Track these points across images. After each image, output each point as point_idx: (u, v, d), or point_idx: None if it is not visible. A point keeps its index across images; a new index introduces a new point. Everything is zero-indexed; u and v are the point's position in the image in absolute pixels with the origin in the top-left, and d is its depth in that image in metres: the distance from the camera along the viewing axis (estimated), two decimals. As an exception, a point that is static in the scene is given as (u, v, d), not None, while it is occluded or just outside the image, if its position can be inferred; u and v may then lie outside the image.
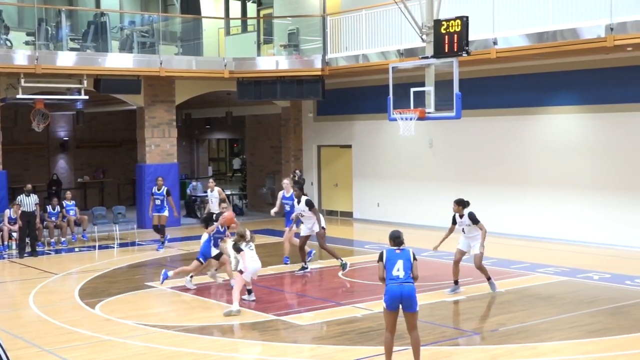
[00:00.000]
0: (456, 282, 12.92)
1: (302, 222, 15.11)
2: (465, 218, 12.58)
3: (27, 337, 10.60)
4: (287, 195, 15.86)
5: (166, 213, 18.28)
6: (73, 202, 20.06)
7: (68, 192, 20.67)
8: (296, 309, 12.38)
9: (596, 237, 17.41)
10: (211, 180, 18.26)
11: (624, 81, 16.88)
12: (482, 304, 12.32)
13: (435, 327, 10.79)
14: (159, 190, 18.25)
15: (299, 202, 14.91)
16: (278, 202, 16.25)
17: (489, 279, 12.82)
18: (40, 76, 19.20)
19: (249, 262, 12.15)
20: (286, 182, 16.30)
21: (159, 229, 18.29)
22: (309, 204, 14.88)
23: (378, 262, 8.80)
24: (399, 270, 8.56)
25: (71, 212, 19.69)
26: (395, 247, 8.77)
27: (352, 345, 10.02)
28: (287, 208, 15.89)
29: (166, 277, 13.51)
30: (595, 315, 11.31)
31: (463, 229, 12.70)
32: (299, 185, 21.46)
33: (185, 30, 23.10)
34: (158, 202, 18.21)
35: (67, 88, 20.25)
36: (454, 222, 12.79)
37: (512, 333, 10.52)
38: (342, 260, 14.83)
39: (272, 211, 16.19)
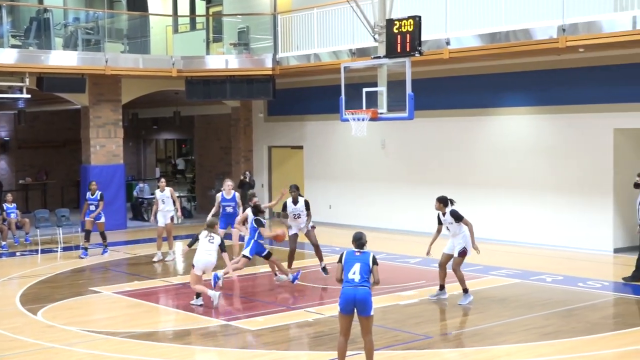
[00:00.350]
0: (442, 287, 12.53)
1: (290, 225, 14.37)
2: (448, 216, 12.16)
3: (-36, 346, 10.17)
4: (228, 197, 15.37)
5: (103, 219, 17.70)
6: (14, 205, 19.48)
7: (9, 195, 20.15)
8: (246, 314, 12.09)
9: (549, 239, 17.46)
10: (162, 180, 17.76)
11: (576, 82, 16.96)
12: (436, 307, 12.20)
13: (388, 330, 10.62)
14: (92, 195, 17.58)
15: (294, 202, 14.17)
16: (217, 204, 15.62)
17: (465, 290, 12.21)
18: (-21, 74, 18.65)
19: (201, 254, 11.99)
20: (229, 183, 15.84)
21: (91, 235, 17.64)
22: (309, 206, 14.28)
23: (337, 262, 8.64)
24: (355, 273, 8.39)
25: (12, 215, 19.10)
26: (356, 249, 8.58)
27: (305, 350, 9.88)
28: (229, 210, 15.36)
29: (217, 279, 12.92)
30: (549, 318, 11.27)
31: (447, 227, 12.29)
32: (249, 186, 21.29)
33: (131, 28, 22.62)
34: (93, 207, 17.59)
35: (8, 86, 19.66)
36: (440, 222, 12.34)
37: (466, 336, 10.46)
38: (323, 264, 14.33)
39: (211, 214, 15.06)
